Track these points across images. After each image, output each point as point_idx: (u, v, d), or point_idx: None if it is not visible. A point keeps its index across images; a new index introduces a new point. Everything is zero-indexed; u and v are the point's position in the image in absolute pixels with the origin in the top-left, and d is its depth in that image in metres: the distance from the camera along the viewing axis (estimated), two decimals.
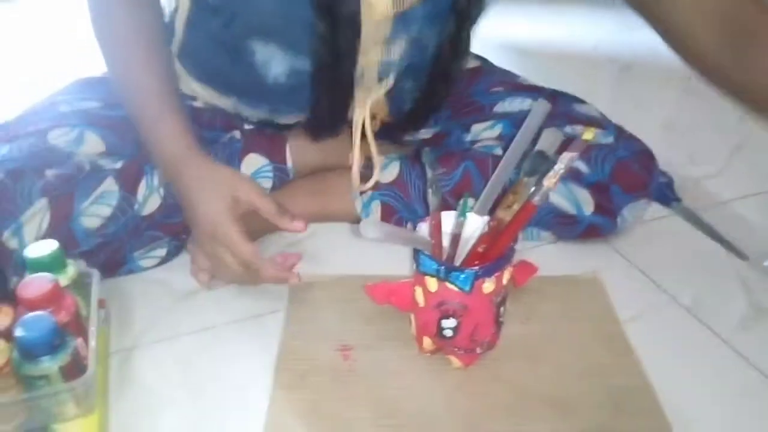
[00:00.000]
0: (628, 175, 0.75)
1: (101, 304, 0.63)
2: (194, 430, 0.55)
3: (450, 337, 0.57)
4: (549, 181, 0.51)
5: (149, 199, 0.71)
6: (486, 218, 0.58)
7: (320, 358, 0.62)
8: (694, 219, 0.83)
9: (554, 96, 0.86)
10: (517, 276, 0.64)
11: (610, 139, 0.77)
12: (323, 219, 0.82)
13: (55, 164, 0.67)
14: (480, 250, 0.56)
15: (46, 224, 0.65)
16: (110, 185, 0.69)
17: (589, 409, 0.56)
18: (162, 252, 0.74)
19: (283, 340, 0.64)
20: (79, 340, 0.55)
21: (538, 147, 0.54)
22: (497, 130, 0.82)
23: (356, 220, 0.80)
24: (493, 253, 0.55)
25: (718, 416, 0.56)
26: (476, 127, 0.83)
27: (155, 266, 0.74)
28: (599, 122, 0.81)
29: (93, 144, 0.72)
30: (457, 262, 0.57)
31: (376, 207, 0.80)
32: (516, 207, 0.54)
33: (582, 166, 0.75)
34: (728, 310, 0.68)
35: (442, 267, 0.54)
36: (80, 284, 0.61)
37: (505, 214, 0.54)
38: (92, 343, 0.55)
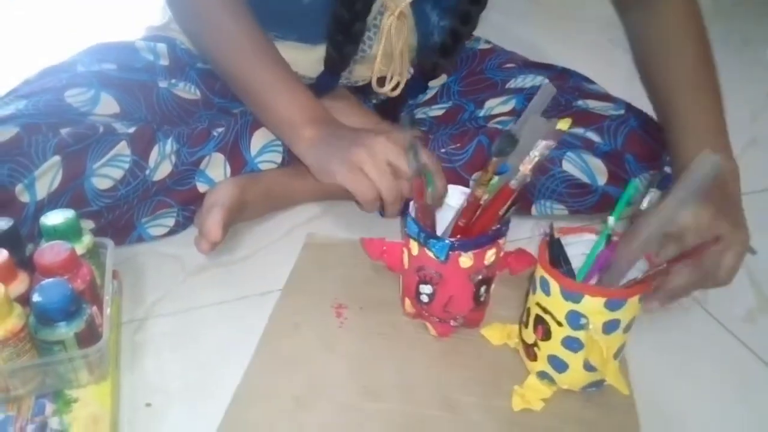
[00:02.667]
0: (640, 145, 0.76)
1: (115, 275, 0.64)
2: (203, 401, 0.55)
3: (426, 303, 0.59)
4: (525, 167, 0.52)
5: (161, 165, 0.72)
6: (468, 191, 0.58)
7: (315, 313, 0.64)
8: None
9: (565, 73, 0.87)
10: (513, 264, 0.65)
11: (621, 111, 0.78)
12: (337, 197, 0.82)
13: (70, 123, 0.68)
14: (461, 223, 0.56)
15: (58, 181, 0.66)
16: (123, 148, 0.69)
17: (561, 395, 0.56)
18: (170, 222, 0.75)
19: (284, 292, 0.66)
20: (94, 308, 0.55)
21: (514, 130, 0.54)
22: (510, 105, 0.83)
23: None
24: (473, 230, 0.56)
25: (722, 407, 0.57)
26: (489, 103, 0.85)
27: (164, 236, 0.75)
28: (609, 97, 0.82)
29: (108, 105, 0.73)
30: (440, 231, 0.58)
31: None
32: (491, 186, 0.54)
33: (594, 137, 0.76)
34: (735, 303, 0.68)
35: (423, 233, 0.55)
36: (95, 254, 0.62)
37: (481, 192, 0.54)
38: (107, 311, 0.56)
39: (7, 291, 0.51)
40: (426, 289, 0.58)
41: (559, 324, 0.52)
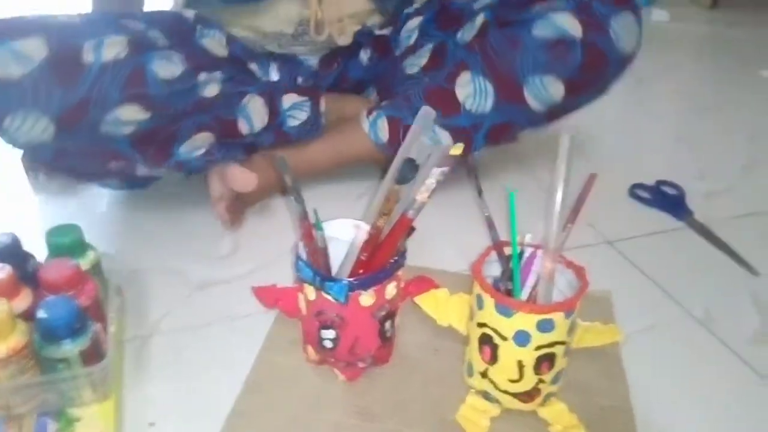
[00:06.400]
0: None
1: (119, 291, 0.63)
2: (207, 421, 0.54)
3: (330, 349, 0.56)
4: (421, 195, 0.50)
5: (209, 85, 0.75)
6: (360, 224, 0.56)
7: None
8: (706, 233, 0.83)
9: None
10: (414, 291, 0.63)
11: None
12: (342, 160, 0.87)
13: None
14: (362, 258, 0.54)
15: (123, 55, 0.68)
16: (178, 60, 0.72)
17: None
18: (203, 151, 0.77)
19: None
20: (99, 326, 0.55)
21: (410, 155, 0.52)
22: (480, 20, 0.85)
23: (374, 156, 0.85)
24: (374, 265, 0.54)
25: (724, 426, 0.56)
26: (463, 28, 0.87)
27: (200, 157, 0.77)
28: None
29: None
30: (345, 270, 0.56)
31: (382, 123, 0.84)
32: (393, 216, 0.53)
33: (554, 2, 0.78)
34: (740, 324, 0.68)
35: (318, 276, 0.52)
36: (99, 270, 0.62)
37: (382, 222, 0.52)
38: (111, 329, 0.55)
39: (10, 307, 0.51)
40: (328, 334, 0.55)
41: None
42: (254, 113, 0.79)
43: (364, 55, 0.95)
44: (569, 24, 0.76)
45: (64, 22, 0.69)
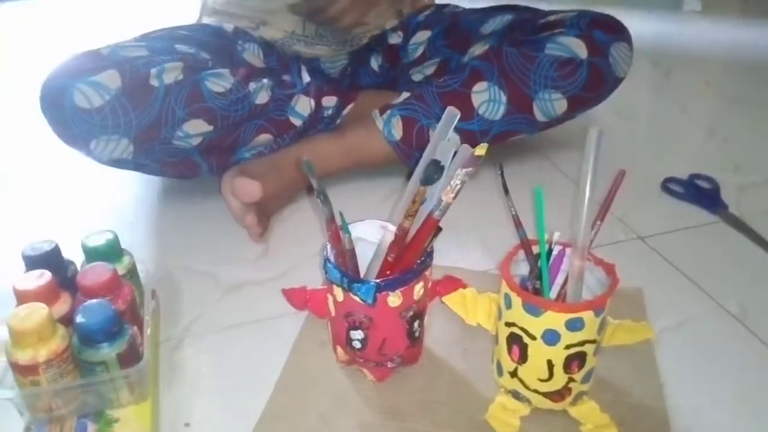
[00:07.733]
0: (603, 23, 0.87)
1: (153, 294, 0.65)
2: (242, 421, 0.55)
3: (359, 349, 0.56)
4: (447, 196, 0.50)
5: (260, 93, 0.84)
6: (387, 225, 0.56)
7: None
8: (741, 226, 0.82)
9: (529, 9, 0.99)
10: (442, 291, 0.63)
11: (576, 13, 0.89)
12: (354, 158, 0.89)
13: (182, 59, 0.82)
14: (390, 259, 0.54)
15: (182, 77, 0.78)
16: (226, 74, 0.82)
17: None
18: (265, 150, 0.87)
19: None
20: (135, 328, 0.56)
21: (436, 156, 0.52)
22: (487, 45, 0.93)
23: (386, 157, 0.88)
24: (400, 266, 0.54)
25: (763, 427, 0.55)
26: (471, 49, 0.95)
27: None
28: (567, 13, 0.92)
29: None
30: (373, 272, 0.56)
31: (396, 122, 0.87)
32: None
33: (561, 29, 0.87)
34: None
35: (345, 277, 0.53)
36: (135, 274, 0.63)
37: (409, 223, 0.52)
38: (147, 331, 0.57)
39: (50, 312, 0.52)
40: (357, 334, 0.55)
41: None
42: (302, 109, 0.88)
43: (375, 63, 1.02)
44: (576, 45, 0.85)
45: (132, 54, 0.79)
